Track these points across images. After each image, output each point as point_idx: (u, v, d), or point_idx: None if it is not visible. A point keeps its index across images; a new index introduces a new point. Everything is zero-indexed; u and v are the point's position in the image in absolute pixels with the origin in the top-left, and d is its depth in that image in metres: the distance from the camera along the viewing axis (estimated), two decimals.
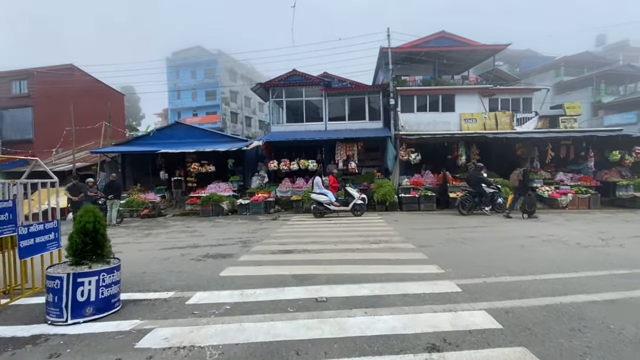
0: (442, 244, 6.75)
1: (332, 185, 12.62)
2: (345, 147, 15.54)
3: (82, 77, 23.90)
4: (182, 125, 18.25)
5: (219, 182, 16.84)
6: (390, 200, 12.98)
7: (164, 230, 10.40)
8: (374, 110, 17.54)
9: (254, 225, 10.73)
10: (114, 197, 12.13)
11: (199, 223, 11.83)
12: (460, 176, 15.09)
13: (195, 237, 8.74)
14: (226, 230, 9.73)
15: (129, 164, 19.00)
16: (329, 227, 9.73)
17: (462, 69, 20.75)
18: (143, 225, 11.91)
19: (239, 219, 12.78)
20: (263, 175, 16.50)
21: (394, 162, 15.06)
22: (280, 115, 17.89)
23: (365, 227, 9.29)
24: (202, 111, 49.67)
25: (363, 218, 11.43)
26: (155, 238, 8.89)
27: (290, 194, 15.13)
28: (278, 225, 10.39)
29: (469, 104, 17.20)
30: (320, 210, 11.71)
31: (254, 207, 13.98)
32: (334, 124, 17.04)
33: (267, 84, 16.89)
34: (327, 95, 17.03)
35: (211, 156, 17.24)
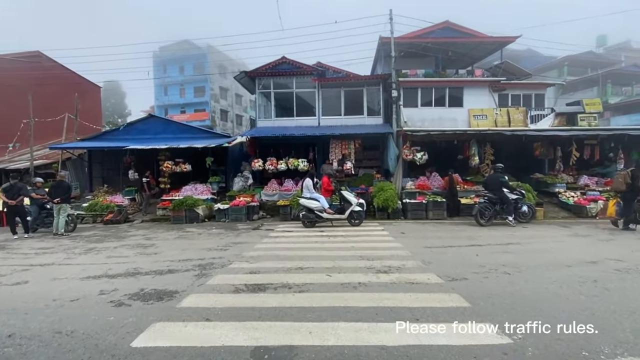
0: (477, 274, 4.82)
1: (325, 189, 10.67)
2: (340, 144, 13.60)
3: (50, 66, 21.62)
4: (157, 119, 16.17)
5: (196, 183, 14.79)
6: (393, 207, 11.06)
7: (116, 243, 8.33)
8: (373, 104, 15.66)
9: (228, 237, 8.72)
10: (60, 200, 9.99)
11: (164, 233, 9.78)
12: (471, 179, 13.25)
13: (146, 255, 6.70)
14: (191, 245, 7.70)
15: (97, 162, 16.84)
16: (320, 241, 7.76)
17: (466, 64, 19.00)
18: (96, 235, 9.81)
19: (214, 226, 10.74)
20: (247, 176, 14.48)
21: (396, 162, 13.17)
22: (267, 109, 15.89)
23: (366, 243, 7.34)
24: (191, 108, 47.44)
25: (362, 228, 9.50)
26: (94, 256, 6.82)
27: (277, 197, 13.13)
28: (258, 238, 8.39)
29: (479, 99, 15.41)
30: (311, 219, 9.73)
31: (233, 213, 11.96)
32: (329, 119, 15.10)
33: (253, 73, 14.90)
34: (320, 87, 15.10)
35: (188, 154, 15.17)
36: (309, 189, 9.97)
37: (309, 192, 9.99)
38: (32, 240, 9.36)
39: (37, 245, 8.47)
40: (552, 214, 11.40)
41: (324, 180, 10.69)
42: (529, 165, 14.13)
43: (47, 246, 8.24)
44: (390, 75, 14.39)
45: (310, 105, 15.67)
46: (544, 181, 13.06)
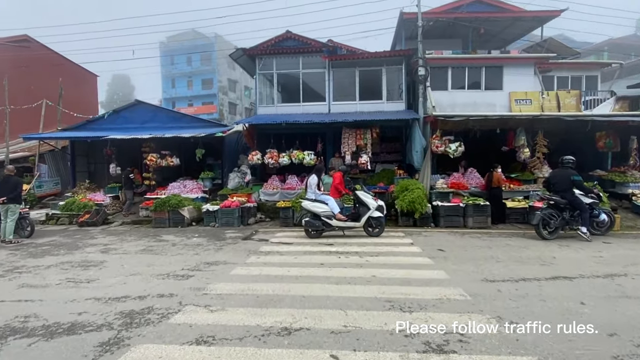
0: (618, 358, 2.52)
1: (335, 188, 8.41)
2: (354, 134, 11.29)
3: (40, 52, 19.94)
4: (144, 106, 14.16)
5: (186, 179, 12.75)
6: (421, 211, 8.73)
7: (60, 257, 6.30)
8: (394, 87, 13.25)
9: (206, 251, 6.58)
10: (7, 200, 8.05)
11: (132, 242, 7.72)
12: (517, 177, 10.76)
13: (73, 285, 4.61)
14: (148, 266, 5.58)
15: (82, 155, 14.98)
16: (328, 263, 5.53)
17: (499, 45, 16.33)
18: (49, 244, 7.85)
19: (197, 234, 8.65)
20: (245, 171, 12.35)
21: (423, 155, 10.79)
22: (269, 94, 13.68)
23: (392, 270, 5.06)
24: (198, 101, 45.88)
25: (383, 240, 7.23)
26: (2, 284, 4.77)
27: (279, 197, 10.95)
28: (244, 255, 6.22)
29: (521, 80, 12.80)
30: (317, 227, 7.50)
31: (224, 216, 9.84)
32: (341, 104, 12.78)
33: (253, 51, 12.69)
34: (331, 67, 12.77)
35: (179, 146, 13.16)
36: (312, 188, 7.73)
37: (314, 193, 7.75)
38: None
39: None
40: (627, 222, 8.86)
41: (336, 176, 8.41)
42: (586, 160, 11.50)
43: None
44: (415, 51, 11.96)
45: (319, 88, 13.38)
46: (609, 179, 10.46)
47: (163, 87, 47.92)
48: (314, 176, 7.84)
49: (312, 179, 7.78)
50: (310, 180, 7.80)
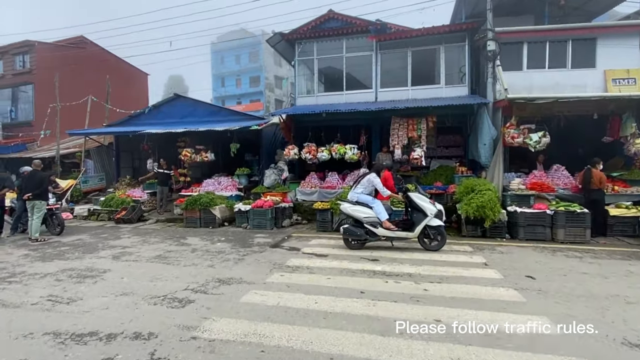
0: None
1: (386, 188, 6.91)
2: (406, 125, 9.62)
3: (95, 52, 20.73)
4: (183, 100, 13.68)
5: (221, 175, 12.00)
6: (493, 219, 6.89)
7: (66, 263, 5.60)
8: (454, 68, 11.26)
9: (225, 262, 5.47)
10: (33, 196, 7.70)
11: (153, 245, 6.91)
12: (619, 176, 8.37)
13: (47, 308, 3.69)
14: (155, 278, 4.58)
15: (126, 151, 15.02)
16: (370, 290, 4.08)
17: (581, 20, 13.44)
18: (73, 244, 7.34)
19: (226, 236, 7.66)
20: (282, 168, 11.24)
21: (492, 149, 8.83)
22: (309, 82, 12.43)
23: (465, 308, 3.50)
24: (246, 99, 46.44)
25: (444, 257, 5.58)
26: None
27: (317, 197, 9.67)
28: (266, 270, 5.00)
29: (621, 55, 10.15)
30: (358, 237, 6.06)
31: (256, 217, 8.78)
32: (389, 91, 11.13)
33: (291, 35, 11.52)
34: (379, 49, 11.17)
35: (214, 140, 12.46)
36: (365, 186, 6.21)
37: (361, 193, 6.27)
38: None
39: None
40: None
41: (385, 175, 6.89)
42: None
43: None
44: (481, 24, 9.95)
45: (365, 74, 11.81)
46: None
47: (213, 86, 49.24)
48: (375, 177, 6.25)
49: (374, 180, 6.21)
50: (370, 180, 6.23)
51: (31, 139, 17.48)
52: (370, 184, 6.28)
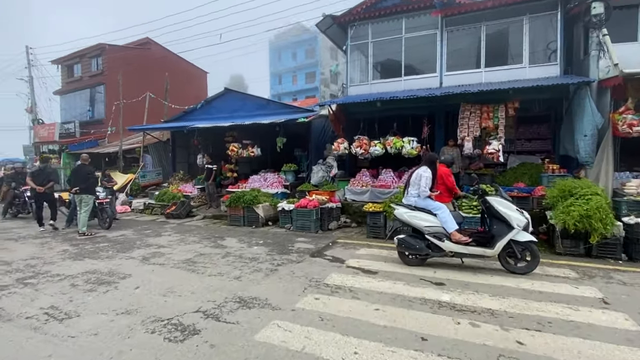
0: None
1: (442, 189, 5.55)
2: (479, 112, 8.00)
3: (159, 52, 21.72)
4: (233, 94, 13.37)
5: (267, 171, 11.40)
6: (603, 233, 5.15)
7: (93, 264, 5.25)
8: (540, 44, 9.24)
9: (255, 273, 4.63)
10: (80, 190, 7.69)
11: (188, 245, 6.40)
12: None
13: (34, 327, 3.14)
14: (170, 291, 3.91)
15: (182, 146, 15.23)
16: (435, 337, 2.90)
17: None
18: (115, 240, 7.17)
19: (265, 238, 6.91)
20: (331, 164, 10.26)
21: (595, 141, 6.87)
22: (362, 69, 11.22)
23: None
24: (302, 95, 46.38)
25: (536, 283, 4.10)
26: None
27: (368, 197, 8.51)
28: (300, 288, 4.05)
29: None
30: (417, 251, 4.80)
31: (300, 218, 7.92)
32: (457, 75, 9.48)
33: (343, 18, 10.42)
34: (445, 26, 9.58)
35: (262, 135, 11.91)
36: (421, 187, 4.95)
37: (416, 195, 5.01)
38: (33, 239, 7.20)
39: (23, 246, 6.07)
40: None
41: (441, 170, 5.60)
42: None
43: (31, 252, 5.71)
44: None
45: (427, 57, 10.25)
46: None
47: (271, 84, 50.05)
48: (425, 170, 5.03)
49: (421, 173, 4.97)
50: (419, 175, 5.00)
51: (102, 136, 18.78)
52: (415, 180, 5.02)
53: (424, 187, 4.88)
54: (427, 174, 4.94)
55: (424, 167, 5.10)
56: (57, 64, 21.72)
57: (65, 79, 22.00)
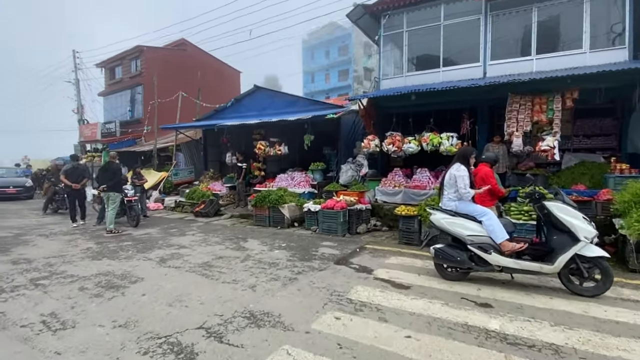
0: None
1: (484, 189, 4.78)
2: (530, 104, 7.04)
3: (194, 52, 22.14)
4: (262, 91, 13.13)
5: (295, 170, 11.02)
6: None
7: (110, 264, 5.10)
8: (603, 26, 8.05)
9: (272, 281, 4.20)
10: (107, 188, 7.71)
11: (209, 246, 6.13)
12: None
13: (23, 338, 2.90)
14: (178, 300, 3.57)
15: (213, 145, 15.29)
16: None
17: None
18: (139, 238, 7.12)
19: (288, 241, 6.50)
20: (360, 162, 9.68)
21: None
22: (396, 60, 10.48)
23: None
24: (335, 93, 45.87)
25: (615, 313, 3.30)
26: None
27: (401, 198, 7.83)
28: (320, 303, 3.55)
29: None
30: (457, 263, 4.12)
31: (326, 220, 7.42)
32: (503, 64, 8.51)
33: (376, 7, 9.75)
34: (490, 10, 8.64)
35: (290, 133, 11.54)
36: (460, 188, 4.26)
37: (455, 198, 4.32)
38: (63, 235, 7.27)
39: (51, 243, 6.09)
40: None
41: (483, 171, 4.88)
42: None
43: (51, 253, 5.71)
44: None
45: (468, 46, 9.34)
46: None
47: (304, 83, 50.00)
48: (458, 167, 4.38)
49: (456, 172, 4.34)
50: (452, 175, 4.36)
51: (140, 135, 19.42)
52: (449, 181, 4.33)
53: (463, 188, 4.19)
54: (462, 173, 4.24)
55: (455, 164, 4.40)
56: (101, 67, 22.83)
57: (107, 81, 23.09)
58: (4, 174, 16.38)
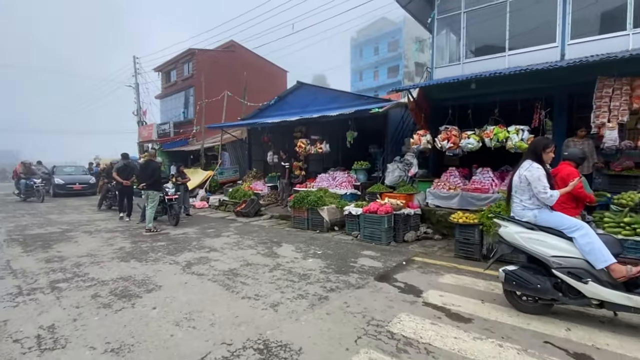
0: None
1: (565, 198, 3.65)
2: (628, 89, 5.61)
3: (242, 53, 22.44)
4: (305, 88, 12.62)
5: (337, 169, 10.32)
6: None
7: (135, 267, 4.83)
8: None
9: (297, 300, 3.56)
10: (146, 186, 7.66)
11: (240, 250, 5.70)
12: None
13: (7, 356, 2.56)
14: (188, 316, 3.08)
15: (257, 144, 15.18)
16: None
17: None
18: (175, 238, 6.96)
19: (324, 248, 5.84)
20: (409, 161, 8.69)
21: None
22: (452, 46, 9.29)
23: None
24: (383, 91, 44.32)
25: None
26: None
27: (457, 203, 6.75)
28: (353, 335, 2.82)
29: None
30: (538, 292, 3.12)
31: (368, 225, 6.63)
32: (586, 43, 6.98)
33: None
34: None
35: (330, 129, 10.91)
36: (531, 192, 3.27)
37: (532, 206, 3.31)
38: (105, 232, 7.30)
39: (91, 240, 6.08)
40: None
41: (564, 171, 3.77)
42: None
43: (85, 254, 5.65)
44: None
45: (541, 24, 7.91)
46: None
47: (351, 81, 49.10)
48: (529, 166, 3.34)
49: (529, 171, 3.31)
50: (521, 176, 3.36)
51: (190, 135, 20.07)
52: (519, 184, 3.30)
53: (543, 191, 3.17)
54: (535, 172, 3.23)
55: (525, 163, 3.39)
56: (158, 71, 24.11)
57: (163, 84, 24.32)
58: (72, 171, 17.81)
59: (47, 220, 9.24)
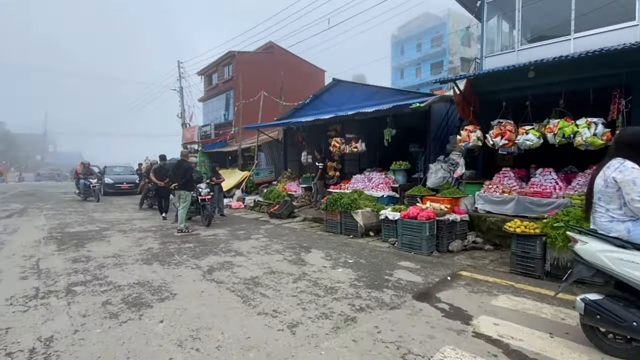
0: None
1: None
2: None
3: (280, 54, 22.45)
4: (341, 85, 12.09)
5: (373, 170, 9.68)
6: None
7: (157, 271, 4.63)
8: None
9: (319, 321, 3.05)
10: (178, 186, 7.59)
11: (267, 256, 5.34)
12: None
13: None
14: (192, 335, 2.70)
15: (292, 145, 14.95)
16: None
17: None
18: (205, 240, 6.81)
19: (357, 256, 5.30)
20: (455, 161, 7.83)
21: None
22: (504, 33, 8.28)
23: None
24: (426, 88, 42.49)
25: None
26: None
27: (512, 209, 5.86)
28: None
29: None
30: (632, 331, 2.35)
31: (406, 232, 5.95)
32: None
33: None
34: None
35: (366, 127, 10.29)
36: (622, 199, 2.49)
37: (624, 217, 2.52)
38: (138, 232, 7.31)
39: (122, 240, 6.07)
40: None
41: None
42: None
43: (111, 253, 5.61)
44: None
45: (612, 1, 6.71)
46: None
47: (392, 79, 47.67)
48: (623, 165, 2.52)
49: (621, 172, 2.51)
50: (609, 178, 2.57)
51: (229, 136, 20.39)
52: (626, 185, 2.47)
53: (639, 199, 2.38)
54: (630, 173, 2.45)
55: (615, 161, 2.58)
56: (201, 75, 24.88)
57: (205, 87, 25.06)
58: (121, 172, 18.81)
59: (89, 218, 9.61)
